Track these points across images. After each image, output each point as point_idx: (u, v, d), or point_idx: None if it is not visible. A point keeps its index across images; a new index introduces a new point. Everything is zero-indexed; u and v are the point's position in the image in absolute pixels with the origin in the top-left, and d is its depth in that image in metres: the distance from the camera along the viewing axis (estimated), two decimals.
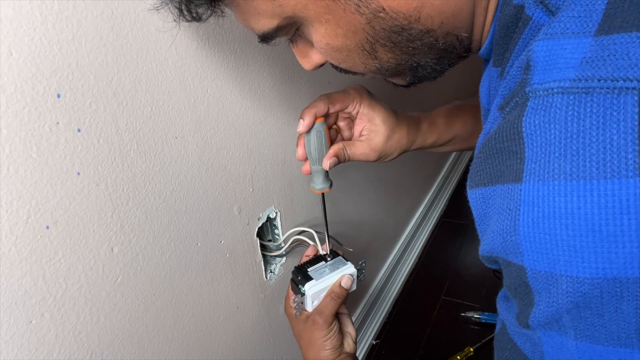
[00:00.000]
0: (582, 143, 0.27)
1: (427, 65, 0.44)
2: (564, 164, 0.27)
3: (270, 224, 0.80)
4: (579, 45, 0.28)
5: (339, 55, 0.44)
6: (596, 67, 0.27)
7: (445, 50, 0.43)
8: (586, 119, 0.27)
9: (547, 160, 0.28)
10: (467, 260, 1.58)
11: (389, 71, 0.46)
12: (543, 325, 0.31)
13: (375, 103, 0.62)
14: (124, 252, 0.52)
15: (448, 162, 1.90)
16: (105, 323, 0.52)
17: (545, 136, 0.28)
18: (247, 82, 0.65)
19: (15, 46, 0.38)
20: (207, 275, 0.66)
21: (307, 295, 0.63)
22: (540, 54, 0.30)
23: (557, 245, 0.28)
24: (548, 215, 0.28)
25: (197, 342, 0.67)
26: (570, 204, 0.27)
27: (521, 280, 0.31)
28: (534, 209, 0.29)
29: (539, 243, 0.29)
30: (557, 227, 0.28)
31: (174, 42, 0.52)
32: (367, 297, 1.33)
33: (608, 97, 0.26)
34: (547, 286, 0.29)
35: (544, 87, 0.29)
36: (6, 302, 0.42)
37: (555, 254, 0.28)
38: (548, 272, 0.29)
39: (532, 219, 0.29)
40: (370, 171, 1.14)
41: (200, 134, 0.59)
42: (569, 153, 0.27)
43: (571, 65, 0.28)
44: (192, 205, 0.60)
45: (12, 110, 0.39)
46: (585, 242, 0.27)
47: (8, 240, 0.41)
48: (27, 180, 0.41)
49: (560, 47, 0.29)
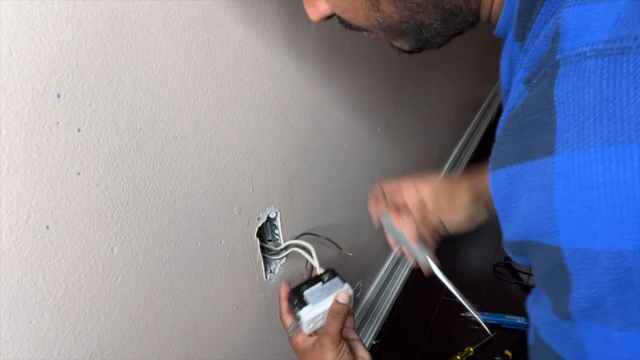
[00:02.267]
0: (619, 105, 0.25)
1: (430, 26, 0.42)
2: (600, 129, 0.25)
3: (270, 224, 0.80)
4: (613, 8, 0.26)
5: (342, 3, 0.42)
6: (631, 27, 0.25)
7: (451, 12, 0.41)
8: (623, 80, 0.25)
9: (582, 128, 0.26)
10: (467, 260, 1.58)
11: (391, 28, 0.43)
12: (585, 313, 0.29)
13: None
14: (124, 252, 0.52)
15: (448, 162, 1.90)
16: (105, 323, 0.52)
17: (579, 102, 0.26)
18: (247, 82, 0.65)
19: (15, 46, 0.38)
20: (207, 275, 0.66)
21: (303, 321, 0.63)
22: (570, 21, 0.28)
23: (596, 218, 0.26)
24: (585, 186, 0.26)
25: (197, 342, 0.67)
26: (609, 171, 0.25)
27: (557, 264, 0.29)
28: (569, 182, 0.27)
29: (577, 218, 0.27)
30: (595, 198, 0.26)
31: (174, 42, 0.52)
32: (367, 297, 1.33)
33: None
34: (587, 265, 0.27)
35: (576, 52, 0.27)
36: (6, 302, 0.42)
37: (594, 228, 0.26)
38: (587, 249, 0.27)
39: (569, 193, 0.27)
40: (370, 170, 1.14)
41: (200, 134, 0.59)
42: (605, 117, 0.25)
43: (604, 27, 0.26)
44: (192, 205, 0.60)
45: (12, 110, 0.39)
46: (626, 212, 0.25)
47: (8, 240, 0.41)
48: (27, 180, 0.41)
49: (592, 11, 0.27)
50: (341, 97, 0.92)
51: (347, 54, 0.91)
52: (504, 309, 1.36)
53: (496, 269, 1.51)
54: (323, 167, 0.91)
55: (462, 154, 2.05)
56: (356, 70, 0.96)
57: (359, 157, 1.06)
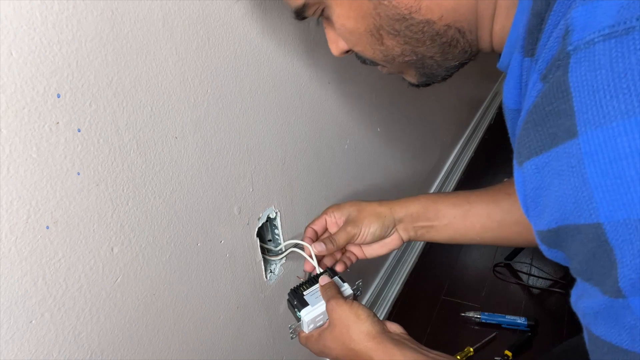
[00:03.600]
0: (632, 79, 0.27)
1: (431, 59, 0.46)
2: (617, 103, 0.27)
3: (270, 224, 0.80)
4: (616, 1, 0.29)
5: (352, 37, 0.48)
6: (633, 9, 0.27)
7: (449, 44, 0.45)
8: (631, 56, 0.27)
9: (599, 106, 0.28)
10: (467, 260, 1.58)
11: (396, 61, 0.48)
12: (635, 285, 0.29)
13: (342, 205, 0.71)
14: (124, 252, 0.52)
15: (448, 162, 1.90)
16: (105, 323, 0.52)
17: (593, 84, 0.28)
18: (247, 82, 0.65)
19: (15, 46, 0.38)
20: (207, 275, 0.66)
21: (303, 322, 0.63)
22: (579, 18, 0.30)
23: (630, 187, 0.27)
24: (614, 159, 0.27)
25: (197, 342, 0.67)
26: (634, 140, 0.27)
27: (599, 242, 0.30)
28: (598, 157, 0.28)
29: (612, 190, 0.28)
30: (626, 168, 0.27)
31: (174, 42, 0.52)
32: (368, 297, 1.33)
33: None
34: (629, 236, 0.28)
35: (585, 41, 0.29)
36: (6, 302, 0.42)
37: (630, 197, 0.27)
38: (627, 219, 0.28)
39: (600, 168, 0.28)
40: (370, 171, 1.14)
41: (200, 134, 0.59)
42: (620, 92, 0.27)
43: (609, 15, 0.28)
44: (192, 205, 0.60)
45: (12, 110, 0.39)
46: None
47: (8, 240, 0.41)
48: (27, 180, 0.41)
49: (598, 7, 0.29)
50: (341, 97, 0.92)
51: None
52: (504, 309, 1.36)
53: (496, 269, 1.51)
54: (323, 167, 0.91)
55: (462, 154, 2.05)
56: (356, 70, 0.96)
57: (359, 157, 1.06)
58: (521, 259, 1.52)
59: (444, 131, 1.77)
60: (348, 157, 1.01)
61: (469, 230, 0.69)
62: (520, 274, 1.50)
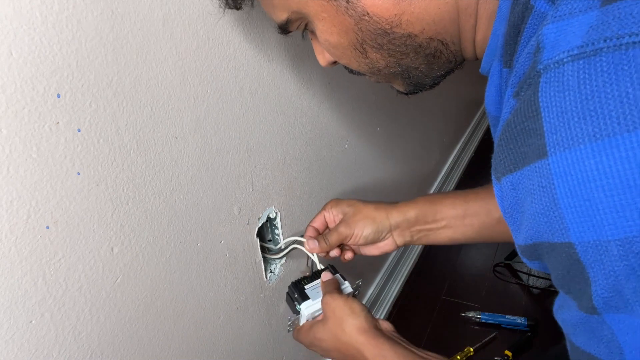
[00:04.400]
0: (599, 102, 0.27)
1: (416, 70, 0.47)
2: (584, 126, 0.27)
3: (270, 224, 0.80)
4: (586, 19, 0.29)
5: (336, 51, 0.48)
6: (601, 30, 0.27)
7: (433, 56, 0.45)
8: (598, 78, 0.27)
9: (568, 127, 0.28)
10: (467, 260, 1.58)
11: (381, 72, 0.49)
12: (608, 303, 0.30)
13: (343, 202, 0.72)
14: (124, 252, 0.52)
15: (448, 162, 1.90)
16: (105, 323, 0.52)
17: (561, 105, 0.28)
18: (247, 82, 0.65)
19: (15, 46, 0.38)
20: (207, 275, 0.66)
21: (303, 315, 0.63)
22: (549, 35, 0.30)
23: (599, 209, 0.27)
24: (583, 181, 0.28)
25: (197, 342, 0.67)
26: (601, 164, 0.27)
27: (572, 260, 0.30)
28: (567, 179, 0.28)
29: (581, 212, 0.28)
30: (594, 190, 0.27)
31: (174, 42, 0.52)
32: (368, 297, 1.33)
33: (616, 54, 0.26)
34: (599, 256, 0.29)
35: (554, 60, 0.29)
36: (6, 302, 0.42)
37: (599, 219, 0.28)
38: (596, 240, 0.28)
39: (569, 189, 0.28)
40: (370, 170, 1.14)
41: (200, 134, 0.59)
42: (588, 115, 0.27)
43: (579, 35, 0.29)
44: (192, 205, 0.60)
45: (12, 110, 0.39)
46: (625, 199, 0.26)
47: (8, 240, 0.41)
48: (27, 180, 0.41)
49: (568, 25, 0.30)
50: (341, 97, 0.92)
51: None
52: (504, 309, 1.36)
53: (496, 269, 1.51)
54: (323, 167, 0.91)
55: (462, 154, 2.05)
56: None
57: (359, 157, 1.06)
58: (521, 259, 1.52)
59: (443, 131, 1.76)
60: (348, 157, 1.01)
61: (467, 229, 0.69)
62: (521, 273, 1.50)
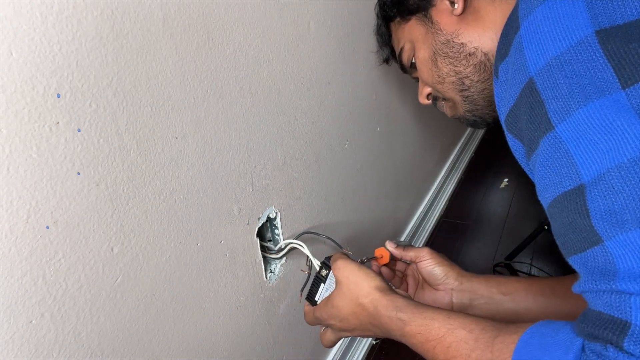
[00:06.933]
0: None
1: (468, 79, 0.66)
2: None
3: (270, 224, 0.80)
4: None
5: (423, 67, 0.71)
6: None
7: (479, 65, 0.64)
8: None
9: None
10: (467, 260, 1.58)
11: (445, 81, 0.68)
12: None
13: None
14: (124, 252, 0.52)
15: (448, 162, 1.90)
16: (105, 323, 0.52)
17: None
18: (247, 81, 0.65)
19: (15, 46, 0.38)
20: (207, 275, 0.66)
21: (323, 287, 0.65)
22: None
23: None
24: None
25: (197, 342, 0.67)
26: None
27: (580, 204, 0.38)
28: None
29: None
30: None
31: (174, 42, 0.52)
32: None
33: None
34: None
35: None
36: (6, 302, 0.42)
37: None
38: (600, 173, 0.37)
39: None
40: (370, 170, 1.14)
41: (200, 134, 0.59)
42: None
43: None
44: (192, 205, 0.60)
45: (12, 110, 0.39)
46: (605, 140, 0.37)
47: (8, 240, 0.41)
48: (27, 180, 0.41)
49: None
50: (341, 97, 0.92)
51: (347, 54, 0.92)
52: None
53: (496, 269, 1.51)
54: (323, 167, 0.91)
55: (462, 154, 2.05)
56: (356, 69, 0.97)
57: (359, 157, 1.06)
58: (521, 259, 1.52)
59: (444, 131, 1.77)
60: (348, 157, 1.01)
61: (530, 303, 0.65)
62: (520, 273, 1.50)
